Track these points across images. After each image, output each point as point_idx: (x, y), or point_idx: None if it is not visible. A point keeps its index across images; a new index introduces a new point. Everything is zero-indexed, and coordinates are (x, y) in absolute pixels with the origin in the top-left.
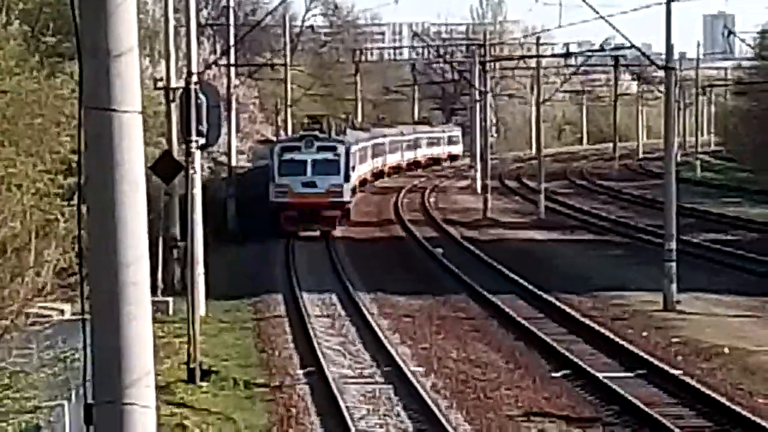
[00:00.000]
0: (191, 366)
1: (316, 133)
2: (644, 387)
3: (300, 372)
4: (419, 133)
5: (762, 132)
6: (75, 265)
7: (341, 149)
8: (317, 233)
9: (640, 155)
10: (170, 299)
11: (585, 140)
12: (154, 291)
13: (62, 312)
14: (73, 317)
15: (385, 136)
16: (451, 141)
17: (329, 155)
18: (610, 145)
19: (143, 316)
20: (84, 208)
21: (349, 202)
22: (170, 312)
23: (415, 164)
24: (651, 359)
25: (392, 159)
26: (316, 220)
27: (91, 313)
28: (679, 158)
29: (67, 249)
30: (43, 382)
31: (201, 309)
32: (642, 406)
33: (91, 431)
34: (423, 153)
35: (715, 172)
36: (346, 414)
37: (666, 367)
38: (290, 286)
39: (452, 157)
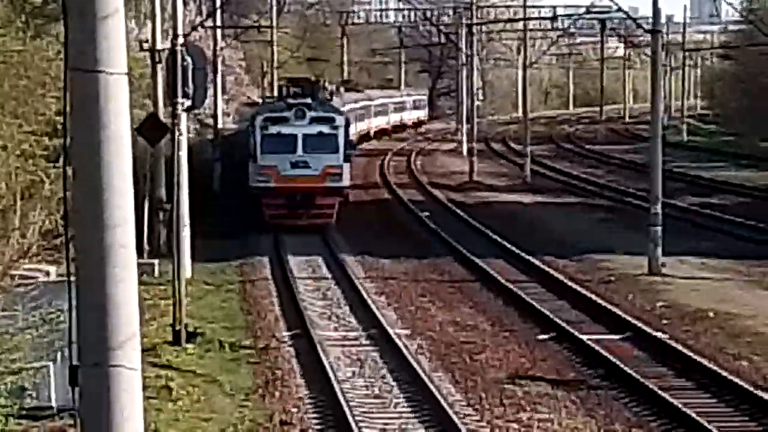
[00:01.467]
0: (177, 328)
1: (309, 100)
2: (630, 348)
3: (286, 335)
4: (387, 98)
5: (748, 96)
6: (60, 227)
7: (339, 120)
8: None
9: (627, 119)
10: (156, 261)
11: (571, 104)
12: (140, 253)
13: (48, 273)
14: (59, 279)
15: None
16: (416, 106)
17: (325, 128)
18: (597, 108)
19: (129, 278)
20: (70, 170)
21: (348, 187)
22: (156, 274)
23: (381, 132)
24: (636, 322)
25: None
26: (308, 210)
27: (76, 275)
28: (665, 122)
29: (52, 211)
30: (29, 344)
31: (187, 271)
32: (627, 369)
33: (77, 393)
34: (387, 119)
35: (702, 136)
36: (332, 377)
37: (651, 331)
38: (276, 249)
39: (417, 124)
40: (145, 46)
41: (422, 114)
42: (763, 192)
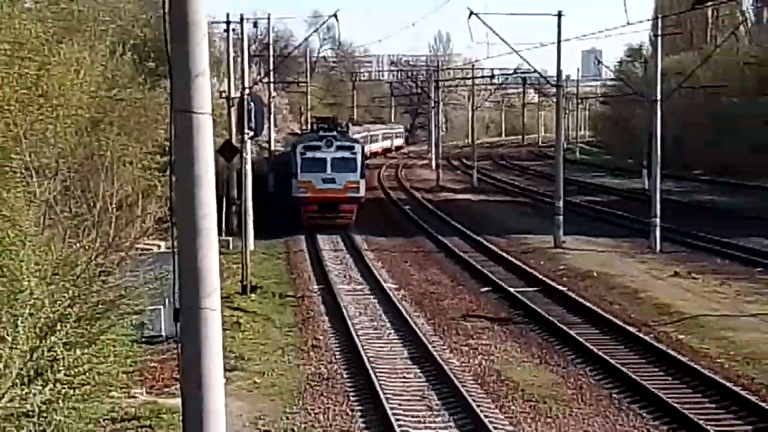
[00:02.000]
0: (244, 283)
1: (335, 134)
2: (540, 297)
3: (316, 288)
4: (378, 130)
5: (618, 129)
6: (168, 216)
7: (357, 148)
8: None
9: (540, 144)
10: (230, 239)
11: (503, 134)
12: (219, 233)
13: (159, 246)
14: (167, 250)
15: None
16: (397, 136)
17: (347, 154)
18: (520, 137)
19: (212, 249)
20: (174, 178)
21: (363, 197)
22: (230, 247)
23: (374, 154)
24: (545, 280)
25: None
26: (335, 214)
27: (178, 248)
28: (565, 146)
29: (162, 205)
30: (146, 293)
31: (250, 245)
32: (539, 309)
33: (178, 326)
34: (380, 145)
35: (589, 156)
36: (346, 315)
37: (555, 285)
38: (309, 232)
39: (398, 148)
40: (224, 95)
41: (401, 141)
42: (628, 193)
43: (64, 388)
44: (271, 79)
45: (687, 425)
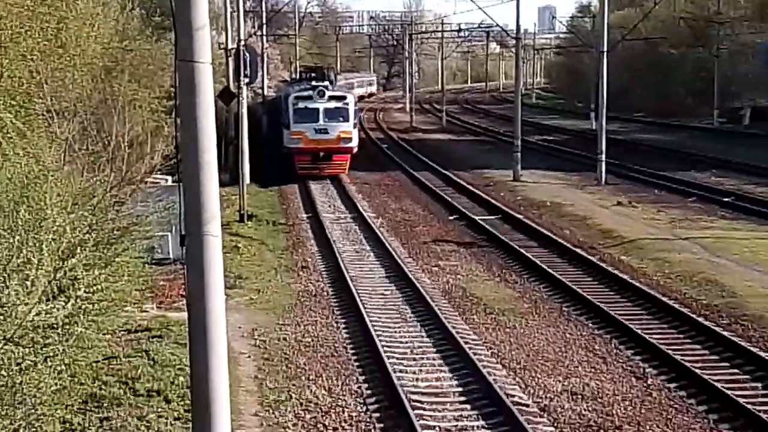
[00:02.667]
0: (241, 212)
1: (327, 84)
2: (500, 224)
3: (304, 216)
4: (354, 78)
5: (570, 76)
6: (173, 153)
7: (350, 98)
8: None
9: (501, 90)
10: (229, 174)
11: (469, 81)
12: (219, 168)
13: (167, 180)
14: (173, 183)
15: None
16: (370, 84)
17: (339, 104)
18: (484, 84)
19: (213, 181)
20: (178, 120)
21: (355, 147)
22: (226, 181)
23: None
24: (505, 208)
25: None
26: (328, 163)
27: (183, 181)
28: (523, 92)
29: (169, 144)
30: (155, 221)
31: (246, 179)
32: (499, 234)
33: (184, 250)
34: (356, 92)
35: (544, 100)
36: (331, 240)
37: (513, 213)
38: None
39: (371, 95)
40: (222, 46)
41: (374, 89)
42: (578, 133)
43: (84, 303)
44: (264, 33)
45: (627, 333)
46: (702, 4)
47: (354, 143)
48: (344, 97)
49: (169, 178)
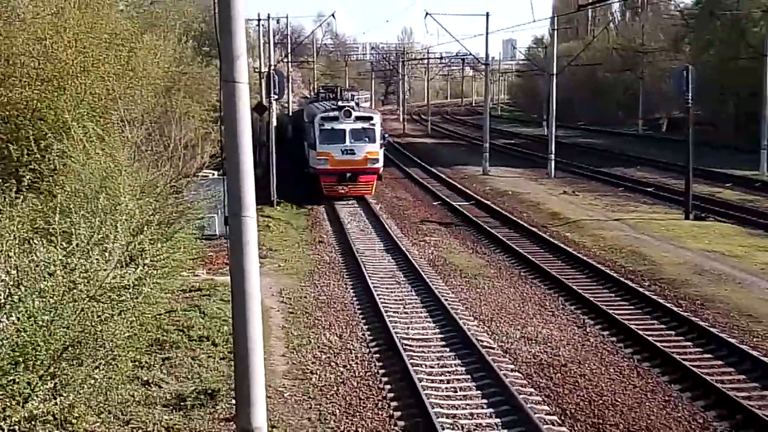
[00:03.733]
0: (272, 199)
1: (353, 104)
2: (473, 208)
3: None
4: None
5: (527, 93)
6: (219, 152)
7: (376, 119)
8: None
9: (473, 104)
10: (261, 169)
11: (449, 97)
12: (254, 164)
13: (213, 174)
14: (219, 177)
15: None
16: (366, 100)
17: (366, 125)
18: (460, 99)
19: (250, 175)
20: (223, 127)
21: (381, 168)
22: (260, 175)
23: None
24: (476, 196)
25: None
26: (354, 184)
27: (227, 174)
28: (491, 105)
29: (215, 146)
30: (205, 205)
31: (275, 168)
32: (471, 216)
33: (227, 228)
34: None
35: (507, 113)
36: (343, 220)
37: (483, 200)
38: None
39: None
40: (256, 70)
41: (369, 105)
42: (533, 137)
43: (150, 269)
44: (289, 59)
45: (569, 291)
46: (630, 38)
47: (380, 164)
48: (370, 118)
49: (216, 172)
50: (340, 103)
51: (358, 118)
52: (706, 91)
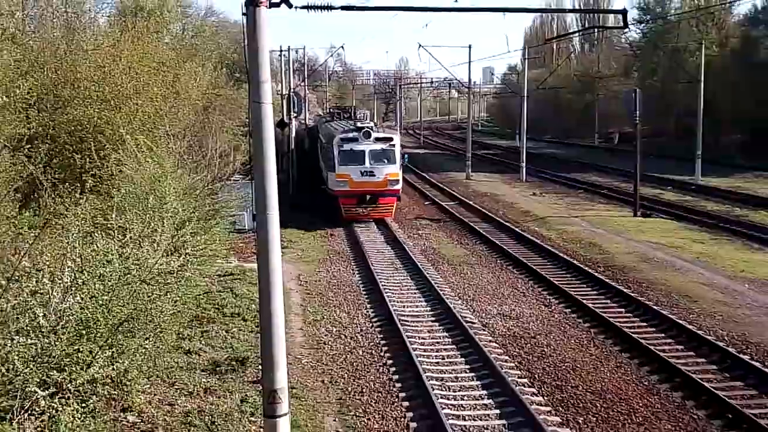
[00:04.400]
0: (291, 203)
1: (371, 124)
2: (458, 207)
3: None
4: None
5: (503, 112)
6: (248, 161)
7: (396, 140)
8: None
9: (458, 120)
10: (283, 174)
11: (438, 115)
12: (277, 171)
13: (243, 179)
14: (247, 180)
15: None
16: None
17: (385, 146)
18: (447, 117)
19: (273, 179)
20: (251, 140)
21: (400, 189)
22: (283, 180)
23: None
24: (460, 197)
25: None
26: (373, 206)
27: (255, 179)
28: (473, 121)
29: (245, 155)
30: (237, 204)
31: (295, 174)
32: (457, 214)
33: (255, 224)
34: None
35: (487, 128)
36: (355, 231)
37: (466, 200)
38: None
39: None
40: (279, 92)
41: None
42: (507, 148)
43: (191, 257)
44: (306, 83)
45: (538, 277)
46: (588, 65)
47: (400, 185)
48: (390, 139)
49: (246, 178)
50: (359, 124)
51: (377, 139)
52: (651, 110)
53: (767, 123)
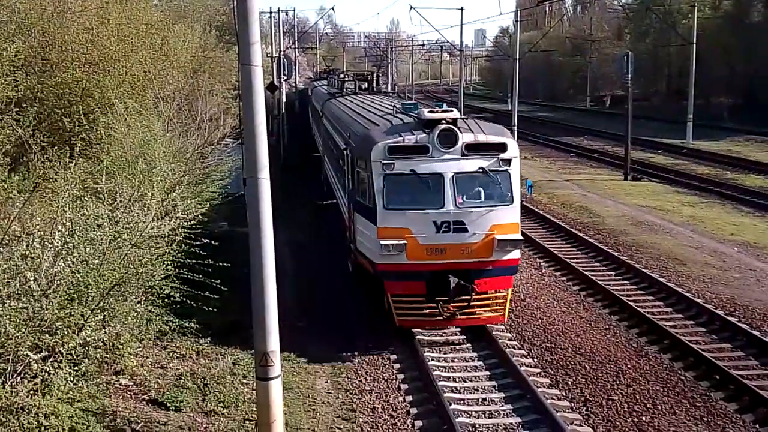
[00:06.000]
0: (282, 163)
1: (455, 112)
2: None
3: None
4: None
5: (494, 75)
6: (238, 124)
7: (511, 147)
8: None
9: (450, 84)
10: (274, 138)
11: (429, 78)
12: (267, 134)
13: (233, 142)
14: (238, 144)
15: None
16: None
17: (491, 163)
18: (438, 80)
19: (264, 142)
20: (241, 103)
21: (519, 258)
22: (273, 143)
23: None
24: None
25: None
26: (464, 300)
27: (245, 143)
28: (464, 85)
29: (234, 119)
30: (228, 167)
31: (286, 138)
32: None
33: (245, 188)
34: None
35: (478, 91)
36: None
37: None
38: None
39: None
40: (269, 54)
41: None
42: (499, 112)
43: (181, 221)
44: (296, 46)
45: (529, 240)
46: (580, 28)
47: (518, 251)
48: (500, 146)
49: (236, 141)
50: (427, 112)
51: (473, 148)
52: (643, 73)
53: (759, 86)
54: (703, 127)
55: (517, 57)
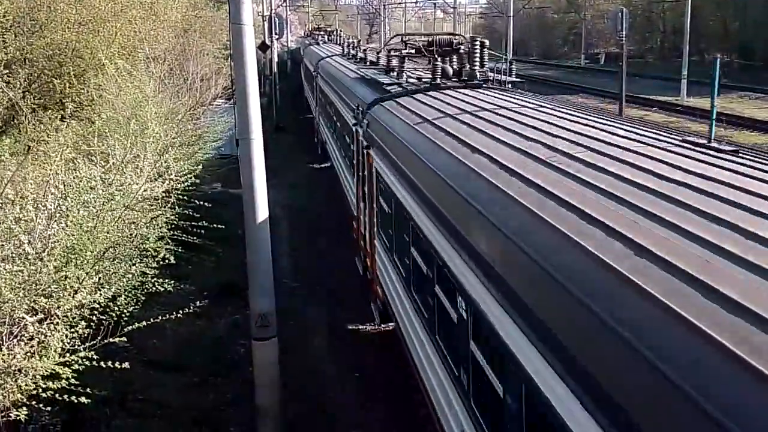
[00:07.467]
0: (274, 124)
1: None
2: None
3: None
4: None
5: (488, 32)
6: (230, 85)
7: None
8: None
9: None
10: (266, 98)
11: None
12: (260, 95)
13: (225, 103)
14: (230, 105)
15: None
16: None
17: None
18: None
19: (256, 102)
20: (232, 63)
21: None
22: (265, 104)
23: None
24: None
25: None
26: None
27: (238, 103)
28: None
29: (226, 78)
30: (221, 128)
31: (277, 97)
32: None
33: (238, 149)
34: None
35: None
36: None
37: None
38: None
39: None
40: (260, 13)
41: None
42: (492, 70)
43: (174, 183)
44: (287, 4)
45: None
46: None
47: None
48: None
49: (228, 102)
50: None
51: None
52: (638, 30)
53: (754, 43)
54: (697, 84)
55: (511, 14)
